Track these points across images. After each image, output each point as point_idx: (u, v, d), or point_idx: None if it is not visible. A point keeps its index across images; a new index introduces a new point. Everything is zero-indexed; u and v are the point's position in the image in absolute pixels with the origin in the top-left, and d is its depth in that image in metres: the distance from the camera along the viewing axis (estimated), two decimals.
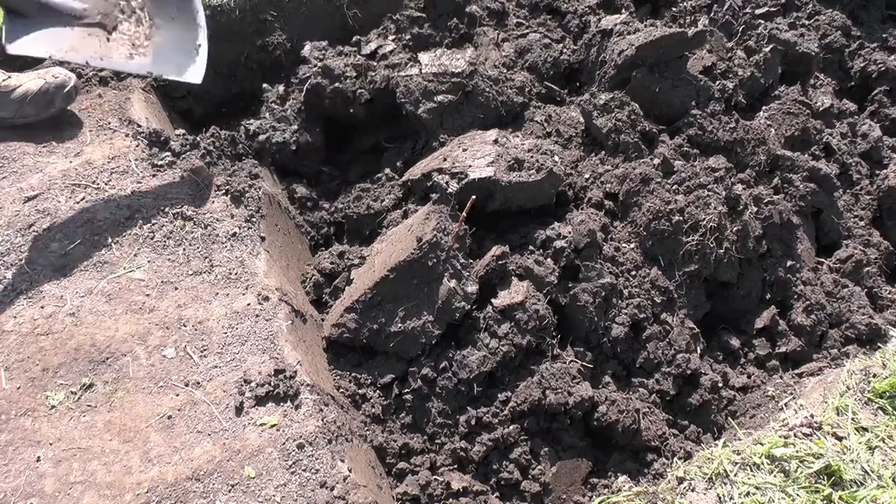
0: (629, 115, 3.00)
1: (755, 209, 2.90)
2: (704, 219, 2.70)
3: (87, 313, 2.23)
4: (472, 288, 2.39)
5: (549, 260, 2.54)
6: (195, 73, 2.48)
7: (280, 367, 2.13)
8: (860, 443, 1.96)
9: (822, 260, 3.12)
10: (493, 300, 2.41)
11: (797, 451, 1.93)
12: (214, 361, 2.17)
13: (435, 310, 2.34)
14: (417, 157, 3.08)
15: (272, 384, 2.08)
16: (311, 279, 2.72)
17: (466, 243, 2.50)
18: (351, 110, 3.12)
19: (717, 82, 3.30)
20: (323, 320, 2.56)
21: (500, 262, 2.45)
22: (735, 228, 2.77)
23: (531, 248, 2.59)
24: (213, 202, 2.61)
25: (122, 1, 2.43)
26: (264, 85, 3.32)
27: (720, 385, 2.58)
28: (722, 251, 2.71)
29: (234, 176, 2.74)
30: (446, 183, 2.61)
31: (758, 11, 3.84)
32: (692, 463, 2.04)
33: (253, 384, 2.09)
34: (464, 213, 2.41)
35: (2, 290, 2.28)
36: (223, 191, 2.65)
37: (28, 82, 2.59)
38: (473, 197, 2.42)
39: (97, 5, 2.36)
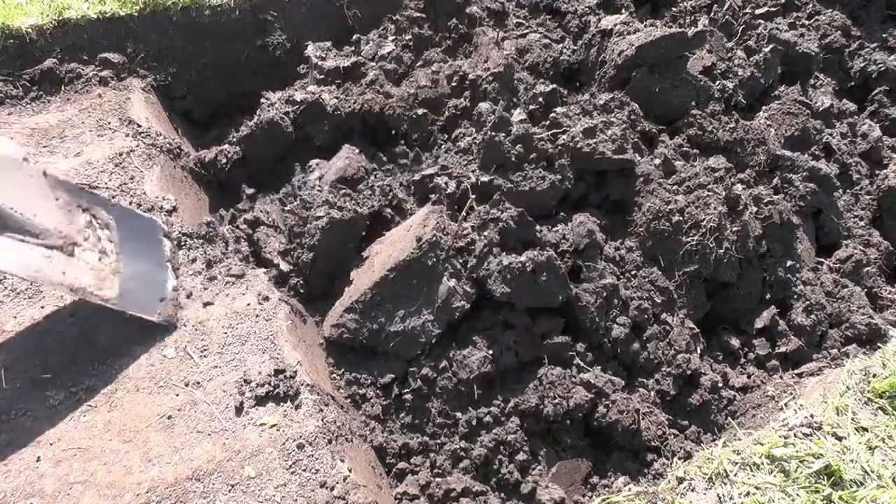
0: (629, 115, 3.00)
1: (755, 209, 2.90)
2: (704, 219, 2.69)
3: (87, 313, 2.23)
4: (471, 287, 2.39)
5: None
6: (163, 313, 2.23)
7: (280, 367, 2.13)
8: (860, 443, 1.96)
9: (822, 260, 3.12)
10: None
11: (797, 451, 1.93)
12: (214, 361, 2.17)
13: (435, 309, 2.34)
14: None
15: (272, 384, 2.08)
16: None
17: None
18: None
19: (717, 82, 3.30)
20: (322, 320, 2.56)
21: None
22: (735, 228, 2.77)
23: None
24: None
25: (87, 229, 2.18)
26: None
27: (720, 385, 2.58)
28: (722, 251, 2.70)
29: None
30: (445, 184, 2.61)
31: (758, 11, 3.84)
32: (692, 463, 2.03)
33: (253, 384, 2.09)
34: (463, 213, 2.42)
35: (2, 290, 2.28)
36: None
37: None
38: (472, 197, 2.42)
39: (61, 228, 2.10)
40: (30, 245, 2.01)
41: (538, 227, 2.53)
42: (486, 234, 2.40)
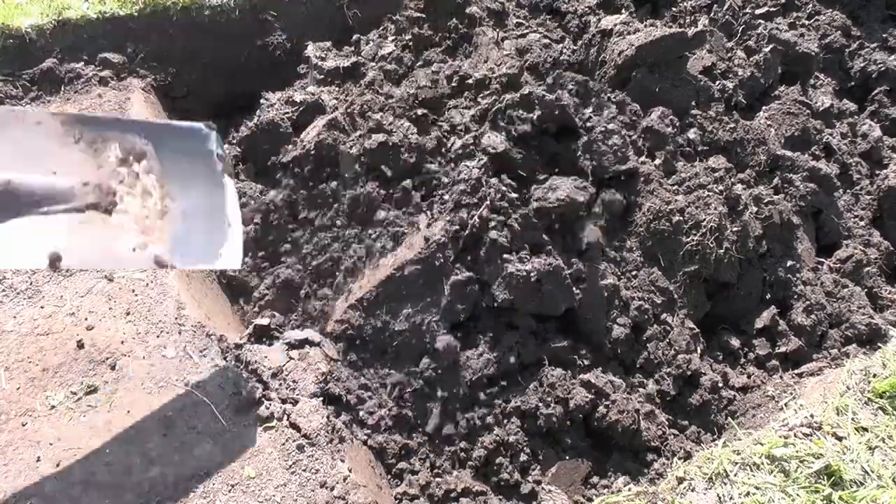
0: (629, 115, 3.00)
1: (755, 209, 2.90)
2: (705, 219, 2.70)
3: (87, 313, 2.23)
4: (477, 289, 2.39)
5: None
6: (231, 257, 1.80)
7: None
8: (860, 443, 1.96)
9: (822, 260, 3.12)
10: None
11: (797, 451, 1.93)
12: (215, 360, 2.17)
13: (440, 309, 2.34)
14: None
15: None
16: None
17: None
18: None
19: (717, 82, 3.30)
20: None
21: None
22: (735, 228, 2.77)
23: None
24: None
25: (121, 168, 1.72)
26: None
27: (720, 385, 2.58)
28: (722, 251, 2.71)
29: None
30: (454, 184, 2.61)
31: (758, 11, 3.84)
32: (692, 463, 2.04)
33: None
34: (476, 215, 2.41)
35: (2, 290, 2.28)
36: None
37: None
38: (487, 201, 2.41)
39: (88, 175, 1.67)
40: (53, 216, 1.57)
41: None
42: (491, 236, 2.40)
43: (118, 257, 1.64)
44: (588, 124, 2.76)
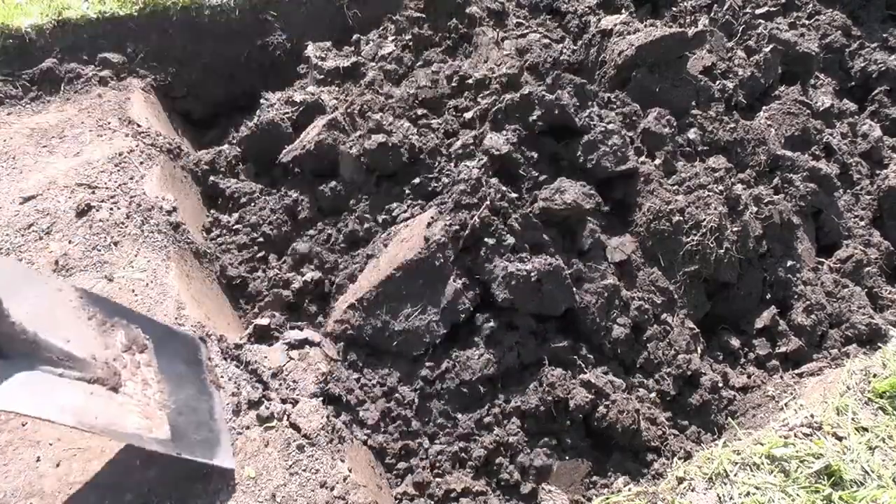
0: (629, 115, 3.00)
1: (755, 209, 2.90)
2: (705, 219, 2.70)
3: None
4: (477, 289, 2.39)
5: None
6: (226, 457, 1.85)
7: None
8: (860, 443, 1.96)
9: (823, 260, 3.12)
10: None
11: (797, 451, 1.93)
12: (215, 361, 2.17)
13: (440, 310, 2.34)
14: None
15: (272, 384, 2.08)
16: None
17: None
18: None
19: (717, 82, 3.30)
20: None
21: None
22: (735, 228, 2.77)
23: None
24: None
25: (125, 354, 1.83)
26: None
27: (720, 385, 2.58)
28: (722, 251, 2.71)
29: None
30: (453, 185, 2.61)
31: (758, 11, 3.84)
32: (692, 463, 2.04)
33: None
34: (476, 215, 2.41)
35: None
36: None
37: None
38: (487, 201, 2.41)
39: (97, 352, 1.76)
40: (68, 380, 1.63)
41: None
42: (491, 235, 2.39)
43: (126, 432, 1.69)
44: (588, 124, 2.76)
